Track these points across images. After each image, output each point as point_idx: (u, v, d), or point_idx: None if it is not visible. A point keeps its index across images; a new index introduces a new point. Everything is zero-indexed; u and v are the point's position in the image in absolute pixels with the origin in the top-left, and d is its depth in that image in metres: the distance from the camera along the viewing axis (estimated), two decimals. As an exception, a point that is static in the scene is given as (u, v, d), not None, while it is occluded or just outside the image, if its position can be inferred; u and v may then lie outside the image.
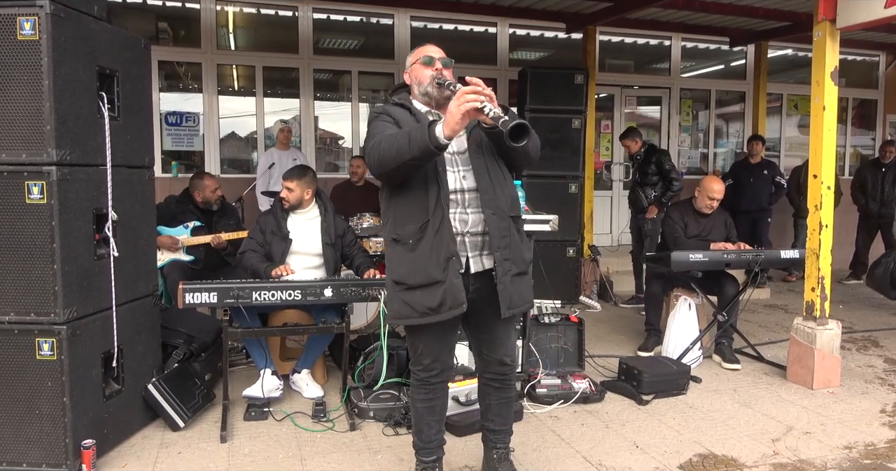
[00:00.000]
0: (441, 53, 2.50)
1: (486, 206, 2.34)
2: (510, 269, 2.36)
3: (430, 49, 2.52)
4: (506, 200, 2.40)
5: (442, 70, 2.44)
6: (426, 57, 2.47)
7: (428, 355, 2.49)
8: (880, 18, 3.73)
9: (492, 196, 2.35)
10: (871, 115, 9.67)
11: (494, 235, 2.34)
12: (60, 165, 2.66)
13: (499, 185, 2.39)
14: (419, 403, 2.57)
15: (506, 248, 2.35)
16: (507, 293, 2.35)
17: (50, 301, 2.69)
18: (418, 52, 2.52)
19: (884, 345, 5.08)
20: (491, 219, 2.34)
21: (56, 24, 2.61)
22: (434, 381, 2.53)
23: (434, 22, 7.47)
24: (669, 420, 3.49)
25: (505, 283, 2.34)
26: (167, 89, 6.92)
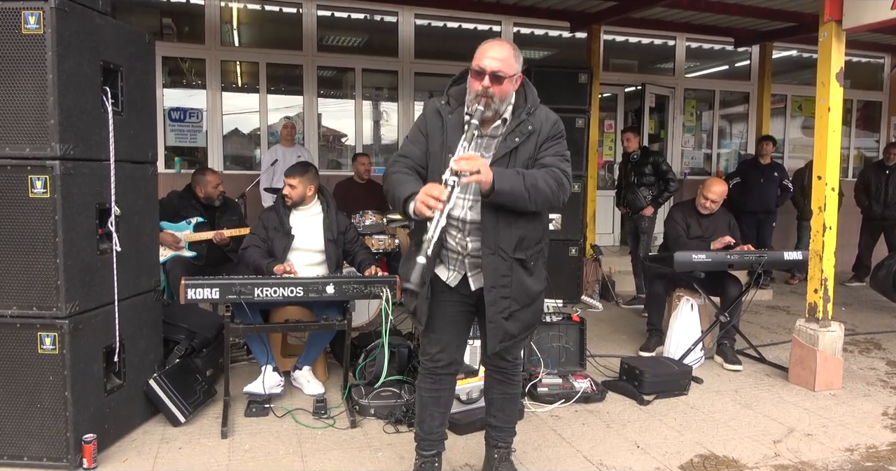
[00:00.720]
0: (498, 61, 2.22)
1: (485, 244, 2.28)
2: (508, 307, 2.32)
3: (488, 54, 2.24)
4: (511, 240, 2.29)
5: (489, 86, 2.22)
6: (478, 67, 2.24)
7: (436, 344, 2.50)
8: (887, 19, 3.72)
9: (493, 236, 2.27)
10: (875, 117, 9.64)
11: (489, 275, 2.29)
12: (64, 159, 2.66)
13: (506, 223, 2.27)
14: (424, 392, 2.58)
15: (503, 287, 2.30)
16: (499, 330, 2.34)
17: (52, 295, 2.69)
18: (479, 52, 2.27)
19: (886, 347, 5.06)
20: (488, 259, 2.28)
21: (60, 19, 2.60)
22: (441, 372, 2.53)
23: (438, 20, 7.46)
24: (670, 421, 3.48)
25: (497, 321, 2.32)
26: (171, 85, 6.92)
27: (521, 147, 2.30)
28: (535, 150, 2.32)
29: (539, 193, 2.23)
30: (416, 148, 2.37)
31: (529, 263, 2.37)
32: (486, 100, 2.23)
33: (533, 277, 2.39)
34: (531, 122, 2.31)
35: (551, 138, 2.35)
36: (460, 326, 2.50)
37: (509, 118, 2.33)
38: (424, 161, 2.36)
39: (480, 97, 2.23)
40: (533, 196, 2.22)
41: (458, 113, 2.34)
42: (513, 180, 2.19)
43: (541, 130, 2.33)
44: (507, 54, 2.26)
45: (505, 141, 2.31)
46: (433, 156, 2.34)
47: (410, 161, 2.35)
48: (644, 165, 6.23)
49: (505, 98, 2.29)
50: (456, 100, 2.38)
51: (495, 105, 2.26)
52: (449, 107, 2.36)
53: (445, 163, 2.23)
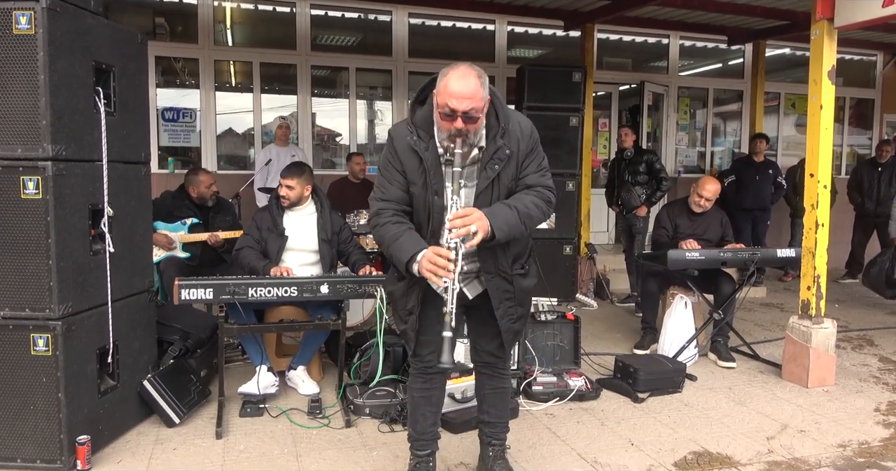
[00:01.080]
0: (468, 100, 2.11)
1: (487, 271, 2.35)
2: (514, 312, 2.43)
3: (453, 96, 2.12)
4: (508, 260, 2.36)
5: (463, 127, 2.15)
6: (448, 109, 2.13)
7: (427, 345, 2.50)
8: (878, 18, 3.74)
9: (493, 262, 2.33)
10: (868, 114, 9.68)
11: (495, 295, 2.37)
12: (56, 160, 2.65)
13: (501, 247, 2.31)
14: (416, 392, 2.59)
15: (508, 300, 2.40)
16: (510, 335, 2.47)
17: (45, 297, 2.69)
18: (443, 86, 2.15)
19: (879, 344, 5.09)
20: (491, 281, 2.36)
21: (52, 19, 2.59)
22: (431, 371, 2.54)
23: (432, 19, 7.46)
24: (665, 418, 3.49)
25: (508, 328, 2.44)
26: (164, 85, 6.90)
27: (502, 173, 2.29)
28: (516, 170, 2.32)
29: (532, 220, 2.29)
30: (395, 189, 2.31)
31: (526, 269, 2.46)
32: (461, 139, 2.18)
33: (528, 277, 2.48)
34: (507, 144, 2.27)
35: (529, 154, 2.34)
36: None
37: (485, 144, 2.28)
38: (407, 199, 2.32)
39: (454, 137, 2.17)
40: (528, 225, 2.29)
41: (433, 148, 2.26)
42: (509, 219, 2.20)
43: (518, 150, 2.30)
44: (475, 87, 2.13)
45: (485, 170, 2.27)
46: (416, 197, 2.30)
47: (395, 205, 2.30)
48: (638, 163, 6.24)
49: (478, 131, 2.24)
50: (426, 131, 2.28)
51: (471, 140, 2.22)
52: (422, 142, 2.26)
53: (432, 205, 2.26)
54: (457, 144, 2.17)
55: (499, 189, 2.30)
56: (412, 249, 2.20)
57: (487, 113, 2.27)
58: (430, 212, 2.27)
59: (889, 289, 5.87)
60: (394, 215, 2.30)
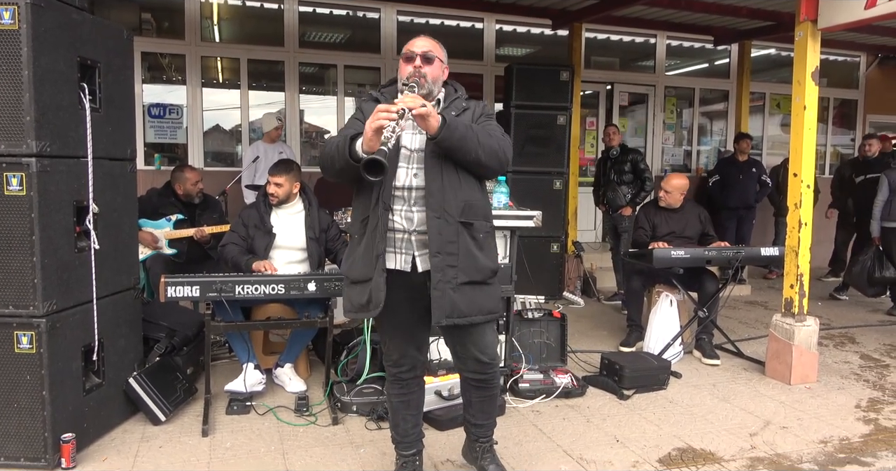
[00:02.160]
0: (425, 45, 2.41)
1: (430, 208, 2.25)
2: (455, 276, 2.26)
3: (416, 43, 2.43)
4: (457, 204, 2.28)
5: (421, 66, 2.36)
6: (408, 51, 2.41)
7: (394, 350, 2.51)
8: (861, 19, 3.79)
9: (439, 199, 2.26)
10: (851, 115, 9.78)
11: (434, 239, 2.25)
12: (40, 156, 2.63)
13: (451, 187, 2.28)
14: (394, 398, 2.59)
15: (450, 254, 2.26)
16: (445, 300, 2.26)
17: (29, 294, 2.67)
18: (408, 44, 2.45)
19: (860, 341, 5.17)
20: (433, 222, 2.25)
21: (36, 14, 2.57)
22: (405, 376, 2.54)
23: (420, 16, 7.45)
24: (650, 415, 3.53)
25: (443, 289, 2.25)
26: (150, 81, 6.84)
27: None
28: (472, 122, 2.39)
29: (486, 141, 2.26)
30: (350, 129, 2.36)
31: (478, 234, 2.34)
32: (420, 79, 2.32)
33: (483, 252, 2.35)
34: (465, 102, 2.45)
35: (485, 115, 2.46)
36: (417, 327, 2.48)
37: (443, 99, 2.45)
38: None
39: (412, 77, 2.32)
40: (482, 141, 2.25)
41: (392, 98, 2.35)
42: (459, 123, 2.24)
43: (474, 109, 2.45)
44: (435, 43, 2.44)
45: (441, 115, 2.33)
46: None
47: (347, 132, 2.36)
48: (623, 162, 6.28)
49: (436, 81, 2.41)
50: (389, 94, 2.43)
51: (428, 85, 2.35)
52: (384, 97, 2.43)
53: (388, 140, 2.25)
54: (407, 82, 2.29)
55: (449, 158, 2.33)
56: (353, 132, 2.26)
57: (446, 86, 2.50)
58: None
59: (871, 287, 5.96)
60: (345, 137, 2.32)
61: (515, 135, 6.04)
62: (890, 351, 4.88)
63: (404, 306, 2.39)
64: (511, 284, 3.64)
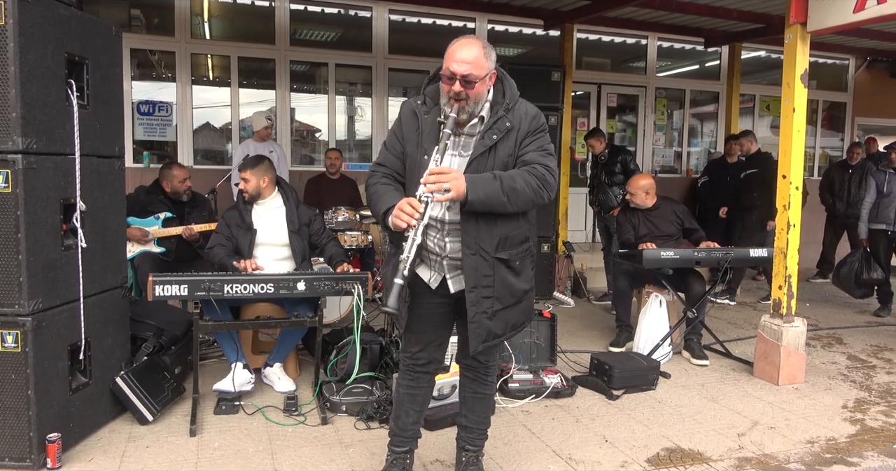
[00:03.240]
0: (468, 65, 2.17)
1: (466, 245, 2.24)
2: (491, 306, 2.29)
3: (458, 56, 2.19)
4: (492, 241, 2.24)
5: (461, 91, 2.19)
6: (448, 71, 2.20)
7: (416, 343, 2.50)
8: (850, 23, 3.81)
9: (474, 236, 2.23)
10: (840, 117, 9.87)
11: (470, 275, 2.25)
12: (26, 153, 2.60)
13: (486, 224, 2.23)
14: (402, 388, 2.59)
15: (486, 287, 2.27)
16: (482, 329, 2.30)
17: (14, 292, 2.64)
18: (449, 53, 2.22)
19: (847, 342, 5.20)
20: (469, 259, 2.24)
21: (23, 10, 2.54)
22: (419, 369, 2.54)
23: (412, 15, 7.44)
24: (638, 415, 3.53)
25: (479, 320, 2.28)
26: (139, 78, 6.79)
27: (499, 144, 2.26)
28: (515, 146, 2.28)
29: (518, 195, 2.19)
30: (391, 155, 2.37)
31: (514, 263, 2.32)
32: (460, 104, 2.21)
33: (519, 276, 2.35)
34: (509, 118, 2.27)
35: (532, 133, 2.31)
36: (441, 325, 2.48)
37: (487, 116, 2.30)
38: (401, 167, 2.35)
39: (453, 101, 2.21)
40: (512, 199, 2.19)
41: (434, 113, 2.32)
42: (487, 187, 2.15)
43: (520, 127, 2.29)
44: (478, 54, 2.20)
45: (482, 139, 2.26)
46: (410, 157, 2.32)
47: (387, 169, 2.36)
48: (613, 163, 6.30)
49: (479, 99, 2.26)
50: (432, 99, 2.35)
51: (469, 108, 2.23)
52: (425, 106, 2.34)
53: (421, 165, 2.22)
54: (452, 108, 2.21)
55: (494, 161, 2.25)
56: (389, 202, 2.22)
57: (495, 89, 2.34)
58: (419, 173, 2.22)
59: (858, 289, 5.99)
60: (383, 177, 2.34)
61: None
62: (877, 352, 4.92)
63: (433, 307, 2.43)
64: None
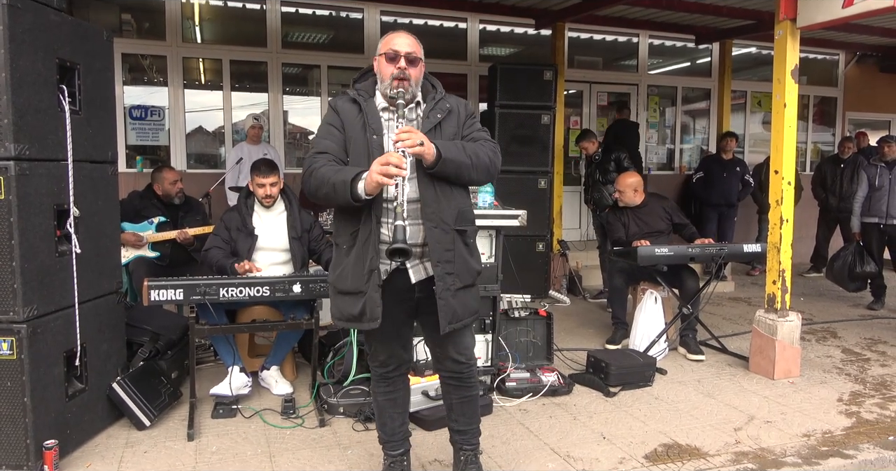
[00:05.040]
0: (409, 45, 2.33)
1: (428, 218, 2.27)
2: (453, 283, 2.31)
3: (398, 41, 2.33)
4: (451, 213, 2.30)
5: (406, 68, 2.29)
6: (391, 51, 2.31)
7: (382, 352, 2.50)
8: (839, 18, 3.84)
9: (435, 209, 2.27)
10: (831, 112, 9.91)
11: (435, 249, 2.27)
12: (19, 159, 2.60)
13: (444, 196, 2.29)
14: (380, 396, 2.59)
15: (448, 262, 2.29)
16: (448, 308, 2.30)
17: (9, 299, 2.63)
18: (387, 40, 2.35)
19: (842, 336, 5.23)
20: (432, 232, 2.27)
21: (13, 16, 2.54)
22: (392, 375, 2.55)
23: (404, 16, 7.44)
24: (636, 411, 3.55)
25: (446, 298, 2.29)
26: (131, 82, 6.77)
27: (444, 124, 2.36)
28: (458, 128, 2.40)
29: (479, 160, 2.31)
30: (330, 142, 2.34)
31: (469, 239, 2.40)
32: (404, 83, 2.29)
33: (473, 256, 2.42)
34: (448, 101, 2.41)
35: (469, 117, 2.45)
36: (402, 328, 2.48)
37: (423, 102, 2.40)
38: (343, 154, 2.33)
39: (396, 80, 2.28)
40: (475, 163, 2.30)
41: (372, 103, 2.38)
42: (453, 148, 2.26)
43: (458, 110, 2.42)
44: (415, 40, 2.37)
45: (427, 118, 2.34)
46: (354, 141, 2.32)
47: (330, 155, 2.31)
48: (607, 162, 6.33)
49: (418, 82, 2.37)
50: (367, 91, 2.41)
51: (412, 88, 2.32)
52: (361, 97, 2.38)
53: (371, 144, 2.28)
54: (398, 88, 2.28)
55: (441, 138, 2.32)
56: (354, 171, 2.19)
57: (423, 83, 2.42)
58: (370, 151, 2.26)
59: (852, 282, 6.03)
60: (329, 162, 2.30)
61: (500, 134, 6.05)
62: (871, 345, 4.95)
63: (391, 309, 2.36)
64: (497, 283, 3.64)
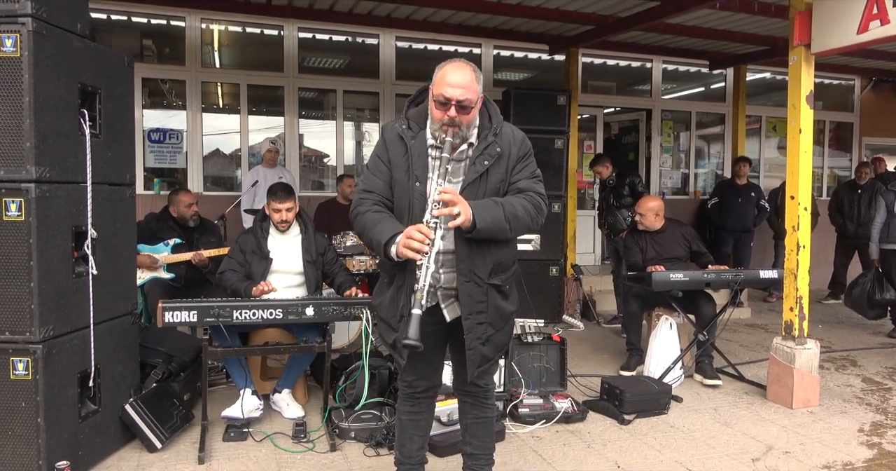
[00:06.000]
0: (463, 91, 2.16)
1: (461, 273, 2.24)
2: (485, 332, 2.30)
3: (451, 79, 2.17)
4: (486, 267, 2.26)
5: (456, 117, 2.18)
6: (442, 97, 2.17)
7: (411, 372, 2.49)
8: (853, 44, 3.84)
9: (468, 264, 2.23)
10: (847, 137, 9.85)
11: (466, 302, 2.25)
12: (39, 182, 2.65)
13: (480, 250, 2.24)
14: (404, 415, 2.56)
15: (479, 313, 2.27)
16: (477, 355, 2.30)
17: (26, 320, 2.66)
18: (440, 76, 2.20)
19: (862, 364, 5.13)
20: (464, 286, 2.24)
21: (38, 42, 2.61)
22: (419, 396, 2.53)
23: (419, 42, 7.54)
24: (651, 440, 3.49)
25: (476, 346, 2.29)
26: (151, 106, 6.89)
27: (491, 170, 2.26)
28: (506, 173, 2.30)
29: (519, 222, 2.23)
30: (378, 180, 2.31)
31: (505, 287, 2.35)
32: (454, 129, 2.19)
33: (508, 300, 2.38)
34: (499, 143, 2.28)
35: (522, 159, 2.33)
36: (435, 351, 2.46)
37: (476, 141, 2.29)
38: (389, 193, 2.31)
39: (447, 127, 2.19)
40: (513, 226, 2.22)
41: (421, 137, 2.29)
42: (493, 213, 2.17)
43: (510, 153, 2.30)
44: (470, 79, 2.20)
45: (474, 165, 2.26)
46: (398, 183, 2.28)
47: (376, 195, 2.30)
48: (621, 186, 6.32)
49: (471, 124, 2.26)
50: (417, 124, 2.32)
51: (462, 133, 2.23)
52: (411, 131, 2.30)
53: (412, 191, 2.23)
54: (448, 133, 2.19)
55: (486, 187, 2.25)
56: (390, 231, 2.16)
57: (480, 114, 2.32)
58: (411, 199, 2.23)
59: (871, 310, 5.92)
60: (374, 205, 2.28)
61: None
62: (892, 374, 4.85)
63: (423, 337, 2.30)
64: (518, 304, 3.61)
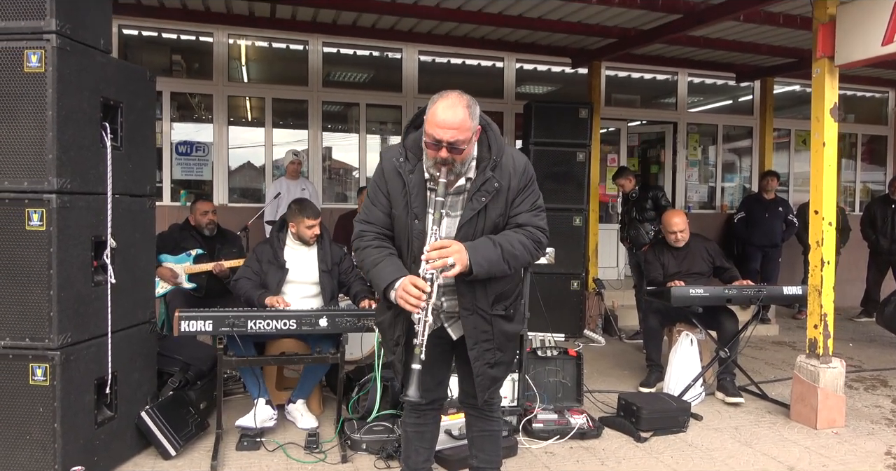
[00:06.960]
0: (453, 131, 2.08)
1: (464, 307, 2.24)
2: (493, 356, 2.31)
3: (439, 126, 2.09)
4: (488, 299, 2.25)
5: (448, 156, 2.12)
6: (432, 139, 2.11)
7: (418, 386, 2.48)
8: (878, 56, 3.76)
9: (470, 299, 2.23)
10: (881, 151, 9.62)
11: (470, 334, 2.26)
12: (61, 193, 2.72)
13: (481, 284, 2.22)
14: (409, 427, 2.56)
15: (486, 341, 2.28)
16: (486, 379, 2.33)
17: (45, 327, 2.72)
18: (431, 114, 2.12)
19: (893, 385, 4.96)
20: (468, 319, 2.25)
21: (62, 58, 2.69)
22: (424, 408, 2.52)
23: (442, 56, 7.60)
24: (667, 458, 3.42)
25: (483, 371, 2.31)
26: (179, 119, 7.05)
27: (489, 206, 2.22)
28: (505, 206, 2.25)
29: (517, 260, 2.22)
30: (378, 211, 2.29)
31: (509, 312, 2.36)
32: (447, 167, 2.14)
33: (513, 321, 2.39)
34: (497, 178, 2.21)
35: (522, 191, 2.27)
36: (440, 366, 2.46)
37: (474, 175, 2.23)
38: (390, 224, 2.30)
39: (440, 166, 2.14)
40: (512, 265, 2.22)
41: (419, 170, 2.23)
42: (489, 255, 2.15)
43: (509, 186, 2.23)
44: (463, 117, 2.10)
45: (471, 202, 2.21)
46: (397, 219, 2.27)
47: (377, 228, 2.29)
48: (644, 200, 6.26)
49: (466, 160, 2.20)
50: (414, 154, 2.25)
51: (457, 169, 2.18)
52: (408, 163, 2.24)
53: (411, 229, 2.21)
54: (441, 173, 2.14)
55: (484, 222, 2.22)
56: (390, 276, 2.17)
57: (480, 143, 2.26)
58: (410, 237, 2.22)
59: (904, 328, 5.75)
60: (375, 239, 2.28)
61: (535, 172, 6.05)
62: (924, 395, 4.69)
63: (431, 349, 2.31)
64: (524, 321, 3.60)
